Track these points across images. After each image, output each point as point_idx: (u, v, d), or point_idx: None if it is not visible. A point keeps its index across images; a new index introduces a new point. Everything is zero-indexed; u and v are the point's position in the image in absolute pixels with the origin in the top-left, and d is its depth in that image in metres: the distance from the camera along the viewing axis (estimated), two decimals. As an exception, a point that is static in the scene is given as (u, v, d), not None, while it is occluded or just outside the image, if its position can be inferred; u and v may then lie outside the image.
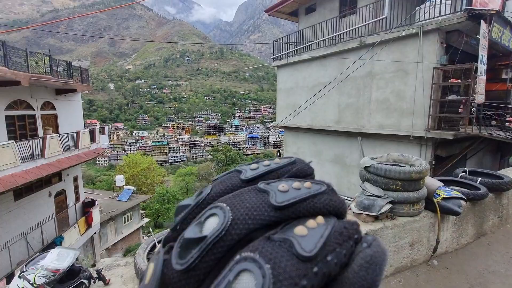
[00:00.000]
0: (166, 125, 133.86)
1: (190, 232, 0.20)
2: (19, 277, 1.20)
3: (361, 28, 8.22)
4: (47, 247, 11.50)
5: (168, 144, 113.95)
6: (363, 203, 2.05)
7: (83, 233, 14.14)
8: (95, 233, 16.36)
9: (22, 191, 10.83)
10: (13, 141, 9.33)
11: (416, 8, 7.17)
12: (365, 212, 2.01)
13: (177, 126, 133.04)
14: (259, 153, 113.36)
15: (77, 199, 15.11)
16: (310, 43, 10.18)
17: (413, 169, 2.02)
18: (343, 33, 8.74)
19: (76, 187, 15.10)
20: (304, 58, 10.29)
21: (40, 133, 11.75)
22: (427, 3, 6.71)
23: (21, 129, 11.07)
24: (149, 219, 29.90)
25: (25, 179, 9.34)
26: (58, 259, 1.24)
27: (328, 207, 0.22)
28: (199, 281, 0.19)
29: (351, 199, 7.26)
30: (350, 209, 2.51)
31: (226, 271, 0.18)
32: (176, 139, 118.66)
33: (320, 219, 0.21)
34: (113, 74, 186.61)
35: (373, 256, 0.19)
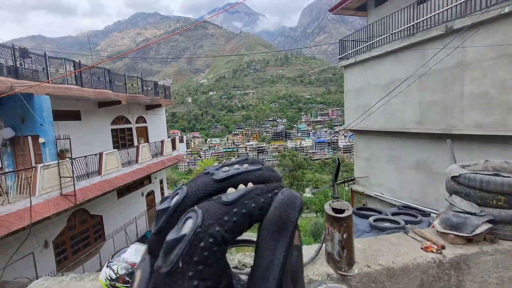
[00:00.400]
0: (235, 132, 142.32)
1: (171, 235, 0.24)
2: (107, 266, 1.42)
3: (447, 11, 7.03)
4: (140, 239, 13.56)
5: (237, 150, 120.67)
6: (450, 221, 1.68)
7: (167, 229, 16.11)
8: (176, 230, 18.43)
9: (123, 191, 13.09)
10: (116, 149, 11.41)
11: (526, -24, 5.72)
12: (454, 232, 1.64)
13: (245, 133, 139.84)
14: (327, 158, 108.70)
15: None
16: (382, 36, 9.27)
17: (524, 180, 1.55)
18: (423, 20, 7.64)
19: (162, 189, 17.42)
20: (376, 54, 9.43)
21: (136, 143, 14.06)
22: (543, -33, 5.28)
23: (122, 140, 13.47)
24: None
25: (125, 181, 11.27)
26: (135, 254, 1.42)
27: (259, 178, 0.28)
28: (184, 278, 0.22)
29: (435, 211, 6.19)
30: (433, 226, 2.12)
31: (178, 222, 0.24)
32: (244, 145, 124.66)
33: (249, 185, 0.27)
34: (190, 89, 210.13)
35: (284, 199, 0.26)
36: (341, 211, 1.54)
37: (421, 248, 1.63)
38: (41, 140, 8.53)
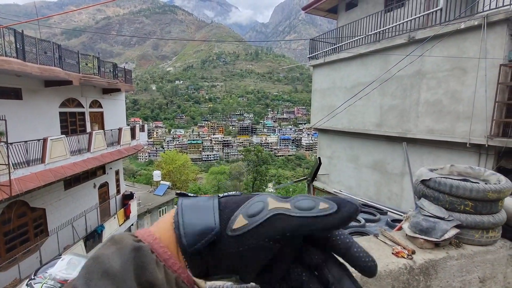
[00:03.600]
0: (201, 124, 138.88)
1: None
2: (27, 285, 1.11)
3: (410, 22, 7.45)
4: (90, 234, 12.44)
5: (202, 142, 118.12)
6: (420, 225, 1.67)
7: (122, 223, 15.05)
8: (132, 224, 17.33)
9: (71, 181, 11.83)
10: (64, 135, 10.21)
11: (479, -3, 6.27)
12: (423, 237, 1.63)
13: (211, 126, 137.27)
14: (290, 155, 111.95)
15: (118, 191, 16.16)
16: (350, 40, 9.57)
17: (490, 186, 1.59)
18: (388, 28, 8.02)
19: (117, 180, 16.17)
20: (343, 57, 9.71)
21: (89, 129, 12.75)
22: (493, -9, 5.82)
23: (72, 125, 12.10)
24: (182, 214, 31.06)
25: (73, 171, 10.15)
26: (67, 268, 1.14)
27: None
28: None
29: (392, 210, 6.56)
30: (400, 228, 2.12)
31: None
32: (210, 138, 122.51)
33: None
34: (155, 76, 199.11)
35: None
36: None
37: (392, 253, 1.58)
38: (-34, 119, 7.21)
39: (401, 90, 7.80)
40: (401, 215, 6.13)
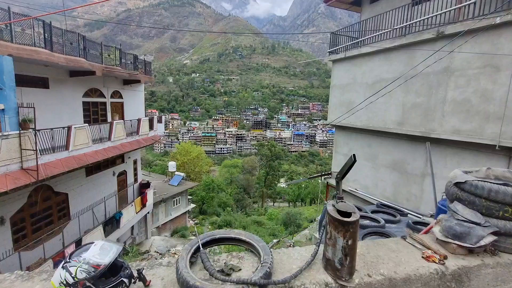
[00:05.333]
0: (215, 117, 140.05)
1: None
2: (63, 267, 1.16)
3: (440, 16, 7.07)
4: (109, 220, 12.96)
5: (216, 135, 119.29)
6: (453, 229, 1.59)
7: (138, 211, 15.56)
8: (148, 212, 17.88)
9: (92, 169, 12.30)
10: (87, 124, 10.58)
11: (518, -11, 5.83)
12: (456, 242, 1.56)
13: (225, 119, 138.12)
14: (304, 151, 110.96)
15: (135, 180, 16.66)
16: (374, 34, 9.23)
17: (536, 193, 1.48)
18: (416, 22, 7.65)
19: (135, 169, 16.66)
20: (365, 52, 9.39)
21: (109, 119, 13.15)
22: (535, -18, 5.39)
23: (94, 114, 12.52)
24: (195, 205, 31.73)
25: (95, 159, 10.54)
26: (100, 253, 1.17)
27: None
28: None
29: (412, 212, 6.35)
30: (426, 232, 2.04)
31: None
32: (224, 131, 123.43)
33: None
34: (172, 68, 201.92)
35: None
36: (347, 214, 1.38)
37: (422, 257, 1.52)
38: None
39: (427, 87, 7.46)
40: (420, 217, 5.94)
